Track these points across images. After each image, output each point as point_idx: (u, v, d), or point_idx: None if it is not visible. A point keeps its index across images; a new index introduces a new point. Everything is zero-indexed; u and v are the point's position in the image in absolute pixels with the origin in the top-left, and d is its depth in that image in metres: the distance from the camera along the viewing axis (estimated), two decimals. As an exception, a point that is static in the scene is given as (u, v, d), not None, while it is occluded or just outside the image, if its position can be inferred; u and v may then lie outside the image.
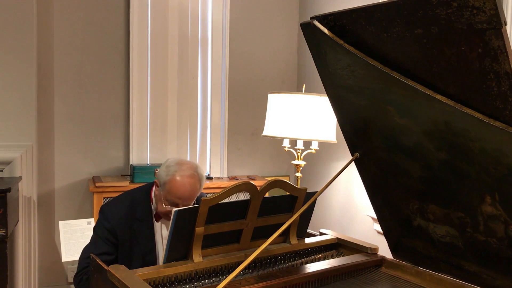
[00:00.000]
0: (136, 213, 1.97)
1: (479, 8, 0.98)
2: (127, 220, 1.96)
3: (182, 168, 1.92)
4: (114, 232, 1.94)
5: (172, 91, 3.62)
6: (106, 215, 1.96)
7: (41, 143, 3.24)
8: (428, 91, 1.19)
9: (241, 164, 4.01)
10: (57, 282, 3.42)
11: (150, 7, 3.50)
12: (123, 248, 1.95)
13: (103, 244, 1.94)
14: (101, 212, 2.00)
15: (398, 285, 1.64)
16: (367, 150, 1.58)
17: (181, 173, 1.91)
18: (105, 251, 1.93)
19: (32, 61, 3.05)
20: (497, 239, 1.33)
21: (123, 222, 1.94)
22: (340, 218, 3.53)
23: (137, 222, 1.96)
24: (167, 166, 1.96)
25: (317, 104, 2.93)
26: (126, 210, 1.97)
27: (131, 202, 2.01)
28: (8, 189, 2.57)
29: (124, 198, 2.05)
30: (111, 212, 1.97)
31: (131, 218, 1.96)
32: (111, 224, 1.94)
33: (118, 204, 2.02)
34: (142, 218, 1.97)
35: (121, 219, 1.95)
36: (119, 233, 1.94)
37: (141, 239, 1.96)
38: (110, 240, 1.94)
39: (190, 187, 1.90)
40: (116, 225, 1.93)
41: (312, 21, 1.37)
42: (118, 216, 1.95)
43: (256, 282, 1.45)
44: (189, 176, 1.91)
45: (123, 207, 1.98)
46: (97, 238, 1.97)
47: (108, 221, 1.95)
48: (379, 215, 1.74)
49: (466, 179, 1.29)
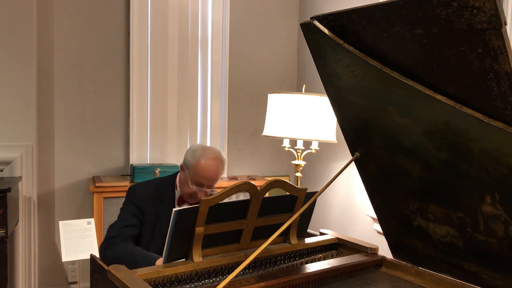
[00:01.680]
0: (161, 196, 2.12)
1: (479, 8, 0.98)
2: (153, 201, 2.09)
3: (207, 152, 2.09)
4: (141, 208, 2.07)
5: (172, 91, 3.62)
6: (135, 192, 2.11)
7: (41, 143, 3.24)
8: (428, 91, 1.19)
9: (241, 164, 4.01)
10: (57, 282, 3.42)
11: (150, 7, 3.50)
12: (146, 227, 2.07)
13: (131, 217, 2.06)
14: (130, 191, 2.14)
15: (398, 285, 1.64)
16: (367, 150, 1.58)
17: (206, 156, 2.07)
18: (133, 223, 2.06)
19: (32, 61, 3.05)
20: (497, 239, 1.33)
21: (149, 202, 2.08)
22: (340, 218, 3.53)
23: (161, 205, 2.09)
24: (193, 151, 2.12)
25: (317, 104, 2.92)
26: (152, 192, 2.12)
27: (157, 186, 2.16)
28: (8, 189, 2.57)
29: (152, 182, 2.22)
30: (139, 191, 2.12)
31: (156, 200, 2.10)
32: (139, 200, 2.08)
33: (146, 185, 2.17)
34: (166, 202, 2.11)
35: (147, 198, 2.09)
36: (146, 210, 2.07)
37: (163, 221, 2.04)
38: (137, 215, 2.07)
39: (215, 167, 2.07)
40: (144, 203, 2.08)
41: (312, 21, 1.37)
42: (145, 195, 2.10)
43: (256, 282, 1.45)
44: (214, 159, 2.08)
45: (151, 189, 2.13)
46: (125, 212, 2.09)
47: (136, 198, 2.09)
48: (379, 215, 1.74)
49: (466, 179, 1.29)
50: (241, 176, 3.92)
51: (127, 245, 1.98)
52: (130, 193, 2.13)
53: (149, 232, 2.07)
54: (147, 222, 2.07)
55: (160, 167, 3.33)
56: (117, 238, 2.00)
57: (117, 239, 2.00)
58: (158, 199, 2.11)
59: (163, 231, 2.02)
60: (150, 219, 2.07)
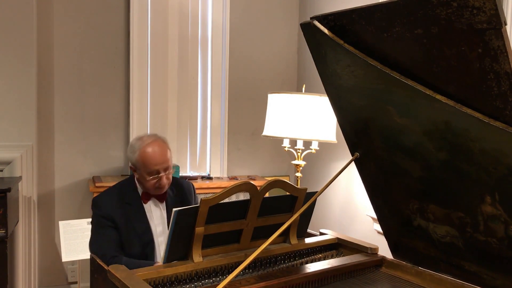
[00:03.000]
0: (125, 199, 2.08)
1: (479, 8, 0.98)
2: (118, 206, 2.05)
3: (143, 139, 2.06)
4: (110, 217, 2.02)
5: (172, 91, 3.62)
6: (98, 205, 2.05)
7: (41, 143, 3.24)
8: (428, 91, 1.19)
9: (241, 164, 4.01)
10: (57, 282, 3.42)
11: (150, 7, 3.50)
12: (121, 233, 2.03)
13: (107, 230, 2.01)
14: (93, 205, 2.08)
15: (398, 285, 1.64)
16: (367, 150, 1.58)
17: (144, 144, 2.03)
18: (111, 234, 2.00)
19: (32, 61, 3.05)
20: (497, 239, 1.32)
21: (115, 208, 2.04)
22: (340, 218, 3.53)
23: (127, 206, 2.06)
24: (131, 146, 2.09)
25: (317, 104, 2.92)
26: (116, 198, 2.07)
27: (119, 190, 2.12)
28: (8, 189, 2.57)
29: (112, 189, 2.16)
30: (102, 201, 2.07)
31: (121, 203, 2.06)
32: (105, 211, 2.03)
33: (107, 194, 2.12)
34: (131, 202, 2.08)
35: (112, 206, 2.04)
36: (115, 217, 2.02)
37: (134, 221, 2.04)
38: (109, 225, 2.02)
39: (159, 149, 2.03)
40: (110, 211, 2.03)
41: (312, 21, 1.37)
42: (109, 204, 2.05)
43: (256, 282, 1.45)
44: (153, 142, 2.04)
45: (113, 196, 2.09)
46: (98, 227, 2.04)
47: (100, 209, 2.04)
48: (379, 215, 1.74)
49: (466, 179, 1.29)
50: (241, 176, 3.92)
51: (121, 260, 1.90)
52: (95, 206, 2.06)
53: (126, 237, 2.02)
54: (120, 228, 2.02)
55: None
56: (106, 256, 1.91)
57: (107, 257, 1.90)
58: (122, 202, 2.06)
59: (138, 230, 2.04)
60: (122, 224, 2.02)
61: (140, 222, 2.06)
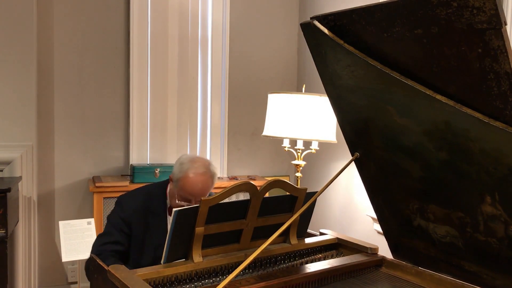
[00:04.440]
0: (151, 207, 2.02)
1: (479, 8, 0.98)
2: (142, 213, 2.00)
3: (195, 166, 1.96)
4: (128, 222, 1.98)
5: (172, 91, 3.62)
6: (122, 206, 2.02)
7: (41, 143, 3.24)
8: (428, 91, 1.19)
9: (241, 164, 4.01)
10: (57, 282, 3.42)
11: (150, 7, 3.50)
12: (136, 240, 1.99)
13: (116, 233, 1.98)
14: (117, 203, 2.05)
15: (398, 285, 1.64)
16: (367, 150, 1.58)
17: (194, 171, 1.94)
18: (118, 240, 1.98)
19: (32, 61, 3.05)
20: (497, 239, 1.32)
21: (138, 214, 1.99)
22: (340, 218, 3.53)
23: (151, 215, 2.01)
24: (180, 163, 1.99)
25: (317, 104, 2.92)
26: (141, 203, 2.02)
27: (147, 195, 2.06)
28: (8, 189, 2.57)
29: (141, 192, 2.10)
30: (127, 203, 2.02)
31: (146, 211, 2.01)
32: (126, 214, 1.99)
33: (134, 196, 2.07)
34: (157, 212, 2.02)
35: (136, 211, 2.00)
36: (133, 224, 1.98)
37: (154, 232, 1.99)
38: (124, 230, 1.99)
39: (202, 184, 1.95)
40: (131, 216, 1.98)
41: (312, 21, 1.37)
42: (133, 208, 2.00)
43: (256, 282, 1.45)
44: (202, 174, 1.95)
45: (139, 200, 2.03)
46: (111, 227, 2.01)
47: (123, 211, 2.00)
48: (379, 215, 1.74)
49: (466, 179, 1.29)
50: (241, 176, 3.92)
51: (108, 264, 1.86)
52: (118, 205, 2.04)
53: (140, 244, 1.99)
54: (135, 235, 1.99)
55: (160, 167, 3.33)
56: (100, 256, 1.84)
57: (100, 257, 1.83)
58: (147, 209, 2.01)
59: (154, 242, 1.97)
60: (139, 232, 1.99)
61: (159, 235, 1.97)
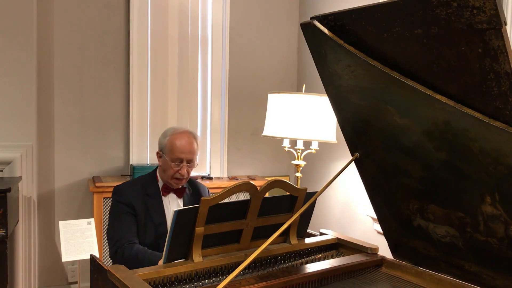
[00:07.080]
0: (147, 190, 2.20)
1: (479, 8, 0.98)
2: (139, 196, 2.17)
3: (176, 129, 2.22)
4: (130, 204, 2.14)
5: (172, 91, 3.62)
6: (120, 192, 2.17)
7: (41, 143, 3.24)
8: (428, 91, 1.19)
9: (241, 164, 4.01)
10: (57, 282, 3.42)
11: (150, 7, 3.50)
12: (139, 220, 2.14)
13: (126, 216, 2.13)
14: (114, 192, 2.20)
15: (398, 285, 1.64)
16: (367, 150, 1.58)
17: (176, 131, 2.19)
18: (130, 221, 2.11)
19: (32, 61, 3.05)
20: (497, 239, 1.33)
21: (136, 197, 2.16)
22: (340, 218, 3.53)
23: (148, 198, 2.18)
24: (163, 133, 2.24)
25: (317, 104, 2.92)
26: (138, 188, 2.20)
27: (140, 182, 2.25)
28: (8, 189, 2.57)
29: (134, 180, 2.32)
30: (124, 189, 2.19)
31: (142, 194, 2.18)
32: (126, 198, 2.15)
33: (130, 184, 2.26)
34: (152, 194, 2.20)
35: (133, 194, 2.17)
36: (135, 205, 2.14)
37: (153, 212, 2.16)
38: (130, 212, 2.13)
39: (188, 139, 2.17)
40: (131, 199, 2.15)
41: (312, 21, 1.37)
42: (131, 192, 2.17)
43: (256, 282, 1.45)
44: (184, 133, 2.19)
45: (135, 186, 2.22)
46: (118, 213, 2.14)
47: (122, 196, 2.16)
48: (379, 215, 1.74)
49: (466, 179, 1.29)
50: (241, 176, 3.92)
51: (133, 247, 2.03)
52: (116, 193, 2.19)
53: (143, 225, 2.14)
54: (138, 216, 2.14)
55: (160, 167, 3.33)
56: (122, 240, 2.06)
57: (123, 241, 2.05)
58: (144, 193, 2.18)
59: (155, 221, 2.15)
60: (141, 212, 2.14)
61: (158, 214, 2.17)
